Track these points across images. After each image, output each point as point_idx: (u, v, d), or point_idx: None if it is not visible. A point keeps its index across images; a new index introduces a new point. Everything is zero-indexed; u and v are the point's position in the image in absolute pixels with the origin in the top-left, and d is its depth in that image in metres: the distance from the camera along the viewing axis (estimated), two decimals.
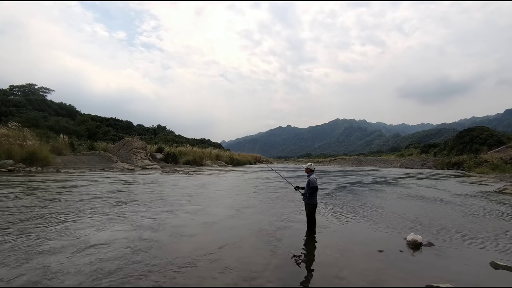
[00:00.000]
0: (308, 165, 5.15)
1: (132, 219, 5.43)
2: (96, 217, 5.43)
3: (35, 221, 4.95)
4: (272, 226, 5.33)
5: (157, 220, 5.43)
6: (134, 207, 6.64)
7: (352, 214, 6.79)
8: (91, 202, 7.00)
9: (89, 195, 7.92)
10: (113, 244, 3.93)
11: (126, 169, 19.80)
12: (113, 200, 7.34)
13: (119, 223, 5.08)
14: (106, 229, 4.68)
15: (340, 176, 21.39)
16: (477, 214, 7.05)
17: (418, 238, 4.42)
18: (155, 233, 4.58)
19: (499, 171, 23.41)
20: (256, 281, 3.04)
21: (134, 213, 5.98)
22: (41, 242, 3.89)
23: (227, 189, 11.25)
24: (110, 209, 6.22)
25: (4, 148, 15.27)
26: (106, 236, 4.29)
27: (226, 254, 3.75)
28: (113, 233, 4.48)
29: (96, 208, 6.31)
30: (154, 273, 3.07)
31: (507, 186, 11.95)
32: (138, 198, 7.92)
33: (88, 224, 4.92)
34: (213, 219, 5.76)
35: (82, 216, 5.47)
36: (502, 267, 3.55)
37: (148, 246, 3.91)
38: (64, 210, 5.97)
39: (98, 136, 36.81)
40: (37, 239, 4.03)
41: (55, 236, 4.22)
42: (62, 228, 4.62)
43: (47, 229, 4.52)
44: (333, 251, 4.11)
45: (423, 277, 3.26)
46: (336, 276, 3.23)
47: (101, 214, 5.70)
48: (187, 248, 3.94)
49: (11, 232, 4.32)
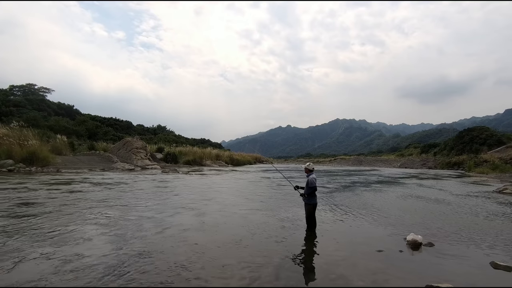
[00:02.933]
0: (307, 165, 5.14)
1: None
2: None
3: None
4: (272, 226, 5.33)
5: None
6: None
7: (352, 213, 6.78)
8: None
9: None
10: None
11: (126, 169, 19.80)
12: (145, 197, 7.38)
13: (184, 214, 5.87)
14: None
15: (341, 175, 21.38)
16: (477, 214, 7.05)
17: (418, 238, 4.42)
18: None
19: (499, 171, 23.40)
20: (256, 281, 3.04)
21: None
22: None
23: (228, 190, 11.24)
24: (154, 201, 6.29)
25: (4, 148, 15.27)
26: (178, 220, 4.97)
27: (229, 252, 3.77)
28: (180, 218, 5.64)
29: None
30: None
31: (507, 186, 11.94)
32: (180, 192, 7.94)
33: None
34: (214, 221, 5.78)
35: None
36: (502, 267, 3.55)
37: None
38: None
39: (98, 136, 36.80)
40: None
41: (147, 222, 4.80)
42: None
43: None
44: (333, 251, 4.11)
45: (423, 277, 3.25)
46: (335, 276, 3.23)
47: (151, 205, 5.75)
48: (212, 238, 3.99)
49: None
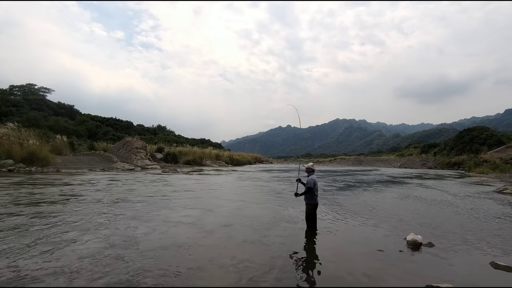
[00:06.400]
0: (310, 165, 5.13)
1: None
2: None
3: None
4: (272, 226, 5.33)
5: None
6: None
7: (351, 213, 6.77)
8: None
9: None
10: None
11: (126, 169, 19.80)
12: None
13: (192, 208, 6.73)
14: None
15: (341, 175, 21.38)
16: (477, 214, 7.04)
17: (418, 238, 4.42)
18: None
19: (499, 171, 23.39)
20: (256, 281, 3.04)
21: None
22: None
23: (228, 191, 11.24)
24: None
25: (4, 148, 15.26)
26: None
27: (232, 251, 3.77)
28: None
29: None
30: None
31: (507, 186, 11.94)
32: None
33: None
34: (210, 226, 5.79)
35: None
36: (502, 267, 3.55)
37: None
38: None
39: (98, 136, 36.79)
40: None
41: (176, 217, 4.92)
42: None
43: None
44: (333, 250, 4.11)
45: (423, 277, 3.25)
46: (336, 276, 3.23)
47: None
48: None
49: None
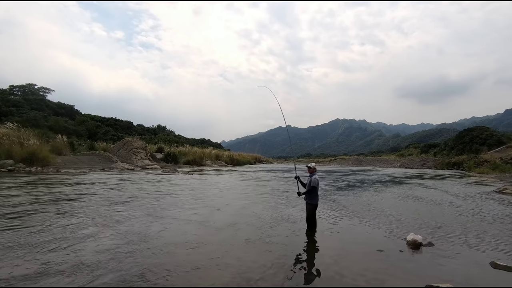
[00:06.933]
0: (313, 165, 5.16)
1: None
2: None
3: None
4: (272, 226, 5.34)
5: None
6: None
7: (352, 213, 6.78)
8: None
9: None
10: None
11: (126, 169, 19.79)
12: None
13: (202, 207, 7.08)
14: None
15: (341, 175, 21.38)
16: (477, 214, 7.05)
17: (418, 238, 4.42)
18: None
19: (499, 171, 23.39)
20: (256, 281, 3.04)
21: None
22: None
23: (232, 190, 11.25)
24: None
25: (4, 148, 15.26)
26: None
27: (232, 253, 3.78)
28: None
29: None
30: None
31: (507, 186, 11.95)
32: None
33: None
34: (217, 225, 5.79)
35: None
36: (502, 267, 3.55)
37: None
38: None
39: (98, 136, 36.81)
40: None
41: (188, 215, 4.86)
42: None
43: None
44: (333, 250, 4.11)
45: (423, 277, 3.26)
46: (336, 276, 3.23)
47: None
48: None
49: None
